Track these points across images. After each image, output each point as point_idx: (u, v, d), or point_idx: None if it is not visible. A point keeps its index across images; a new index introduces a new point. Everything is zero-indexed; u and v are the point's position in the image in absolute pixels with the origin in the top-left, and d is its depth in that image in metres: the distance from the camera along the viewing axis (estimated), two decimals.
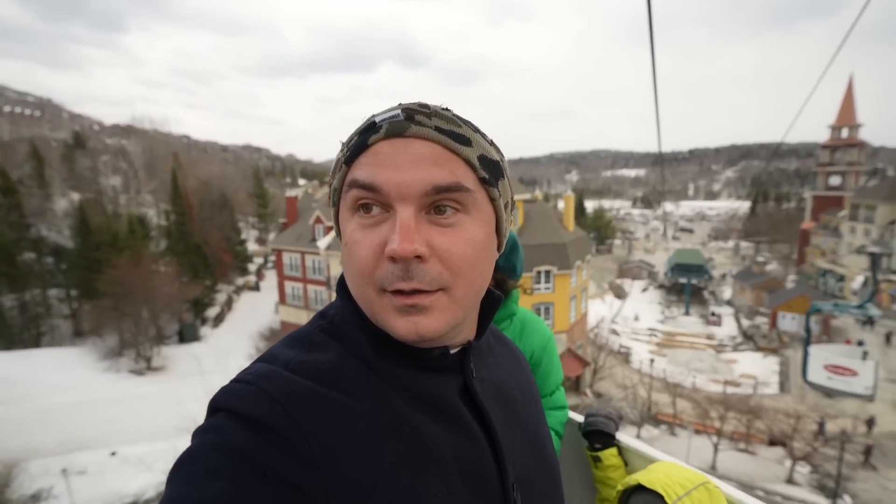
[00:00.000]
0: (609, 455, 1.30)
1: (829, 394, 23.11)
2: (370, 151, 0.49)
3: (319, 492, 0.42)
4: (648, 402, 23.80)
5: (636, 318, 41.18)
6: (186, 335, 31.53)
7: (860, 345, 28.50)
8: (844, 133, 55.14)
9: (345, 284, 0.58)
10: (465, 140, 0.51)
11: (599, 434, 1.33)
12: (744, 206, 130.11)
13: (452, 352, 0.57)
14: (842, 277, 41.72)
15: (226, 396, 0.46)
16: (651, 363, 27.32)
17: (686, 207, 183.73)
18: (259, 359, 0.53)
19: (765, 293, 40.21)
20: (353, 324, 0.55)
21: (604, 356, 27.72)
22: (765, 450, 19.72)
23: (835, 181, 54.94)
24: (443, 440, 0.52)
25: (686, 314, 43.33)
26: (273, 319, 35.09)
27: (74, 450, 17.13)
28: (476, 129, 0.54)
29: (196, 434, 0.45)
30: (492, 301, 0.61)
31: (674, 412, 22.61)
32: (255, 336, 30.19)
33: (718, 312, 41.64)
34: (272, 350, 0.54)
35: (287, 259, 30.96)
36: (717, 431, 19.49)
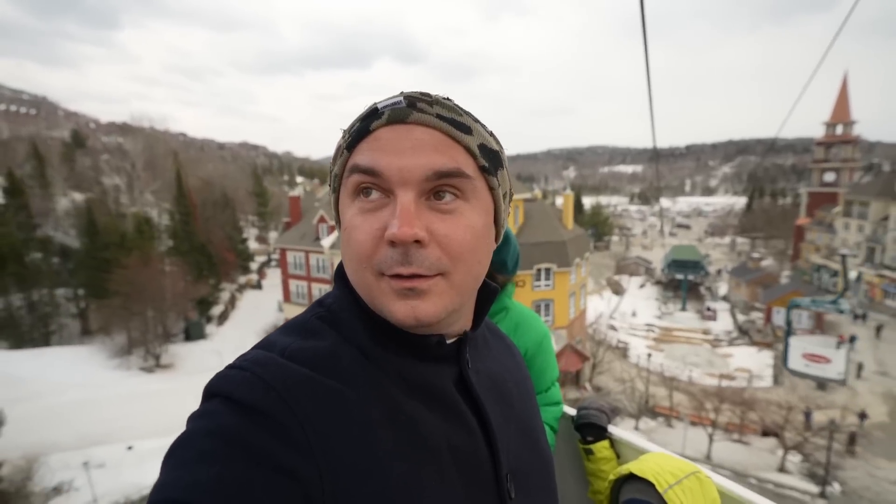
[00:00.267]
0: (601, 447, 1.31)
1: (819, 384, 23.93)
2: (372, 137, 0.50)
3: (314, 478, 0.42)
4: (646, 396, 24.44)
5: (634, 314, 41.80)
6: (193, 333, 32.00)
7: (852, 340, 29.32)
8: (839, 130, 55.59)
9: (342, 274, 0.58)
10: (466, 128, 0.51)
11: (592, 427, 1.34)
12: (740, 202, 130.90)
13: (449, 342, 0.57)
14: (835, 273, 42.43)
15: (221, 382, 0.46)
16: (648, 358, 27.94)
17: (683, 203, 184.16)
18: (256, 346, 0.53)
19: (760, 289, 40.85)
20: (350, 312, 0.55)
21: (602, 351, 28.36)
22: (758, 440, 20.41)
23: (829, 177, 55.35)
24: (438, 429, 0.52)
25: (683, 310, 43.91)
26: (277, 317, 35.67)
27: (92, 444, 17.68)
28: (476, 120, 0.55)
29: (191, 419, 0.45)
30: (488, 293, 0.62)
31: (670, 405, 23.31)
32: (261, 333, 30.67)
33: (713, 307, 42.40)
34: (269, 337, 0.54)
35: (291, 257, 31.51)
36: (712, 423, 20.17)
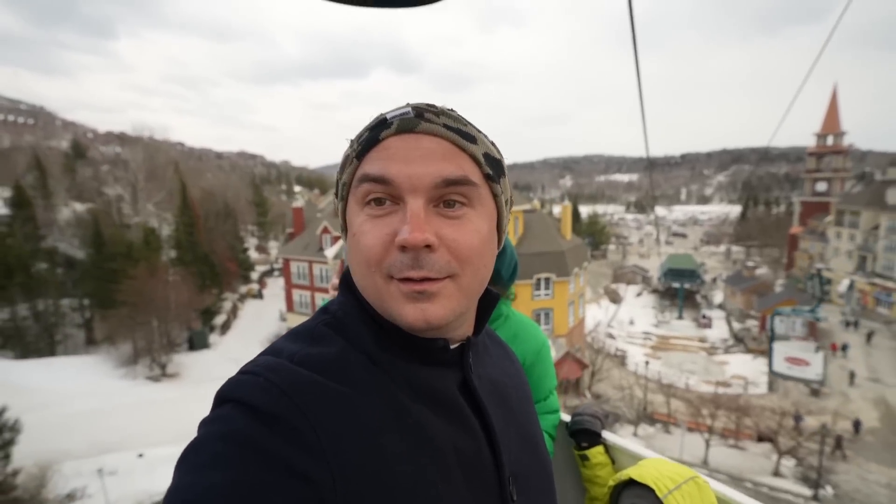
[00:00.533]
0: (596, 453, 1.32)
1: (812, 390, 24.49)
2: (381, 146, 0.51)
3: (327, 481, 0.42)
4: (644, 402, 24.95)
5: (631, 322, 42.40)
6: (197, 343, 32.36)
7: (844, 348, 29.80)
8: (830, 140, 56.71)
9: (347, 281, 0.60)
10: (472, 138, 0.53)
11: (586, 433, 1.35)
12: (735, 211, 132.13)
13: (452, 347, 0.58)
14: (829, 281, 43.27)
15: (233, 388, 0.46)
16: (646, 365, 28.48)
17: (679, 212, 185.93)
18: (264, 352, 0.53)
19: (755, 297, 41.58)
20: (356, 318, 0.56)
21: (601, 359, 28.90)
22: (753, 445, 20.92)
23: (821, 187, 56.32)
24: (443, 433, 0.52)
25: (679, 318, 44.58)
26: (279, 326, 36.06)
27: (103, 452, 18.05)
28: (479, 130, 0.57)
29: (203, 425, 0.45)
30: (489, 300, 0.63)
31: (668, 411, 23.85)
32: (264, 342, 31.04)
33: (708, 315, 43.09)
34: (276, 344, 0.55)
35: (295, 268, 32.02)
36: (709, 429, 20.70)
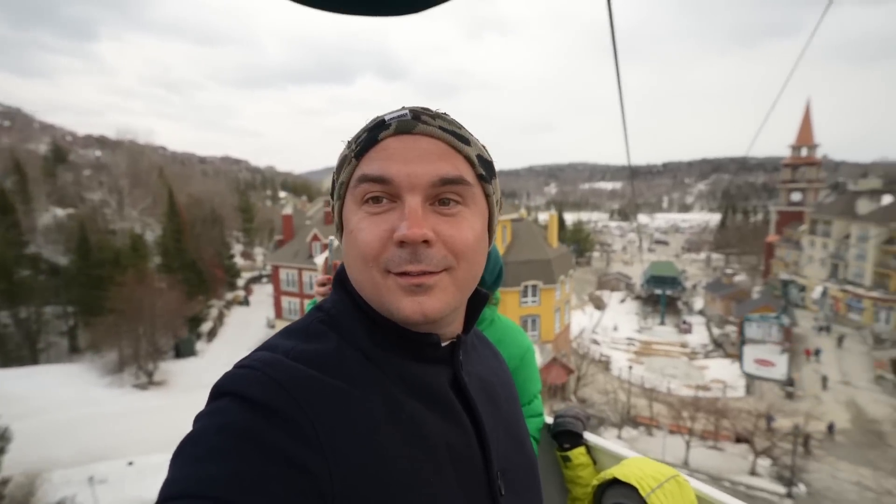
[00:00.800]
0: (578, 454, 1.34)
1: (787, 393, 25.49)
2: (380, 146, 0.54)
3: (324, 474, 0.43)
4: (628, 406, 25.68)
5: (615, 328, 43.29)
6: (183, 350, 32.13)
7: (817, 353, 31.03)
8: (804, 152, 58.84)
9: (341, 279, 0.62)
10: (466, 140, 0.56)
11: (568, 434, 1.38)
12: (715, 219, 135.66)
13: (443, 344, 0.59)
14: (803, 288, 44.82)
15: (231, 381, 0.47)
16: (629, 370, 29.28)
17: (661, 220, 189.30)
18: (259, 348, 0.55)
19: (733, 303, 42.76)
20: (350, 315, 0.58)
21: (586, 364, 29.60)
22: (731, 446, 21.76)
23: (796, 197, 58.19)
24: (436, 428, 0.54)
25: (661, 324, 45.63)
26: (266, 333, 35.98)
27: (93, 461, 17.94)
28: (471, 133, 0.60)
29: (199, 418, 0.45)
30: (478, 299, 0.65)
31: (651, 414, 24.62)
32: (251, 349, 30.71)
33: (689, 321, 44.25)
34: (271, 341, 0.56)
35: (284, 275, 32.13)
36: (689, 431, 21.46)
